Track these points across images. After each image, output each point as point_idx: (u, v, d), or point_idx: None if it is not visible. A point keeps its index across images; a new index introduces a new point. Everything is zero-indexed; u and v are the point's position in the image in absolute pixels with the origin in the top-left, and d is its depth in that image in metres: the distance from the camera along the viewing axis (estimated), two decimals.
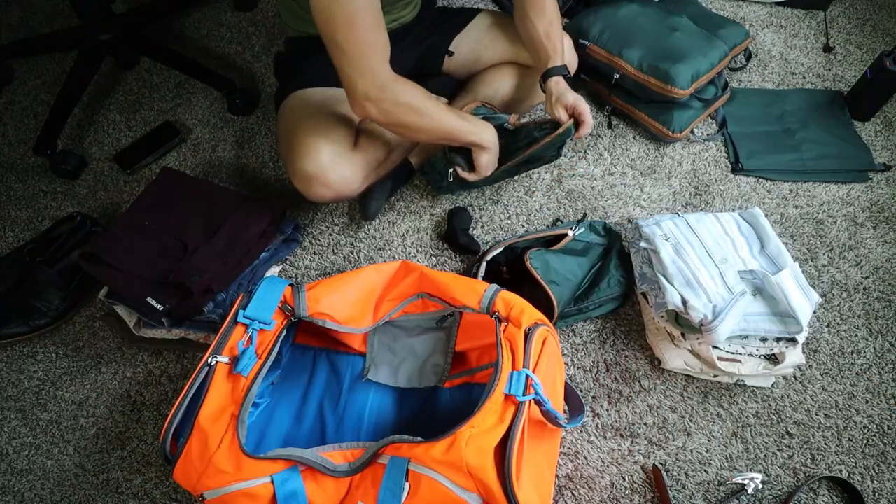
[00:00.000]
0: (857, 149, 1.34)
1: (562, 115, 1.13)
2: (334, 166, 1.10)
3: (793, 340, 0.98)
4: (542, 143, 1.13)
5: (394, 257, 1.24)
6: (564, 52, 1.18)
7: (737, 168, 1.31)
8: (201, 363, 0.84)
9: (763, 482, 0.96)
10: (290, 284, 0.93)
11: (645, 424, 1.03)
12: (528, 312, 0.87)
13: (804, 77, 1.48)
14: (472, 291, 0.91)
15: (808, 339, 1.10)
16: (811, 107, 1.41)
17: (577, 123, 1.13)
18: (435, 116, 1.05)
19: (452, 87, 1.33)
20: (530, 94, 1.31)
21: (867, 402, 1.04)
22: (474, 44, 1.28)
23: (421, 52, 1.28)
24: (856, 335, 1.11)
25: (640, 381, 1.07)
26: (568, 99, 1.12)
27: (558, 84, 1.14)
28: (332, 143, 1.10)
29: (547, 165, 1.33)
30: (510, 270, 1.16)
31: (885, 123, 1.39)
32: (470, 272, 1.19)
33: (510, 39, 1.26)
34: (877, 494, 0.96)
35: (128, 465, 1.03)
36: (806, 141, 1.35)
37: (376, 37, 0.97)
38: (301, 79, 1.20)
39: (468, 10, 1.32)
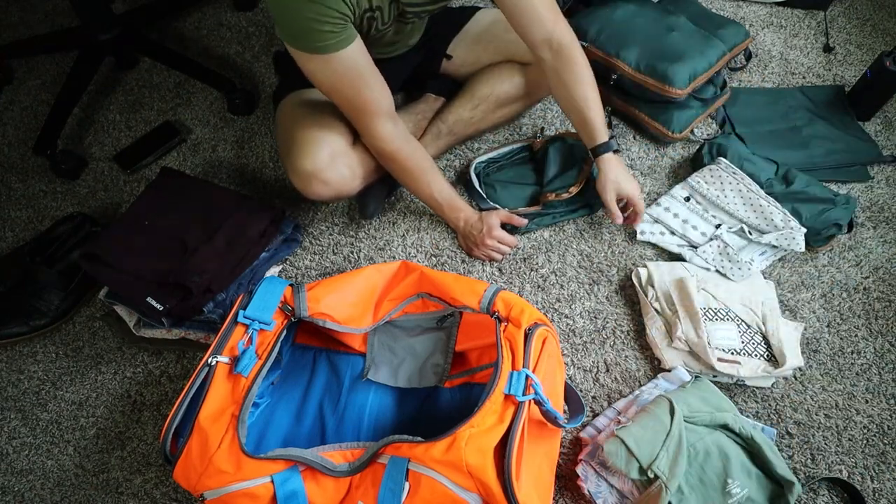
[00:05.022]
0: (864, 142, 1.34)
1: (611, 199, 1.11)
2: (333, 164, 1.10)
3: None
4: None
5: (394, 257, 1.24)
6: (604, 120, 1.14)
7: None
8: (201, 363, 0.84)
9: None
10: (291, 284, 0.93)
11: None
12: (528, 312, 0.87)
13: (804, 77, 1.48)
14: (472, 291, 0.91)
15: (808, 339, 1.10)
16: (815, 103, 1.41)
17: (627, 209, 1.13)
18: (421, 187, 1.16)
19: (451, 87, 1.32)
20: (530, 91, 1.30)
21: (867, 402, 1.04)
22: (473, 45, 1.28)
23: (420, 57, 1.28)
24: (856, 335, 1.11)
25: (640, 381, 1.07)
26: (624, 189, 1.11)
27: (614, 167, 1.12)
28: (331, 141, 1.10)
29: None
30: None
31: (885, 123, 1.39)
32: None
33: (508, 38, 1.24)
34: (877, 494, 0.96)
35: (128, 465, 1.03)
36: (814, 137, 1.34)
37: (362, 99, 1.03)
38: (301, 77, 1.20)
39: (466, 9, 1.32)
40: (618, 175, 1.11)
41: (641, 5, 1.39)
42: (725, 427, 0.93)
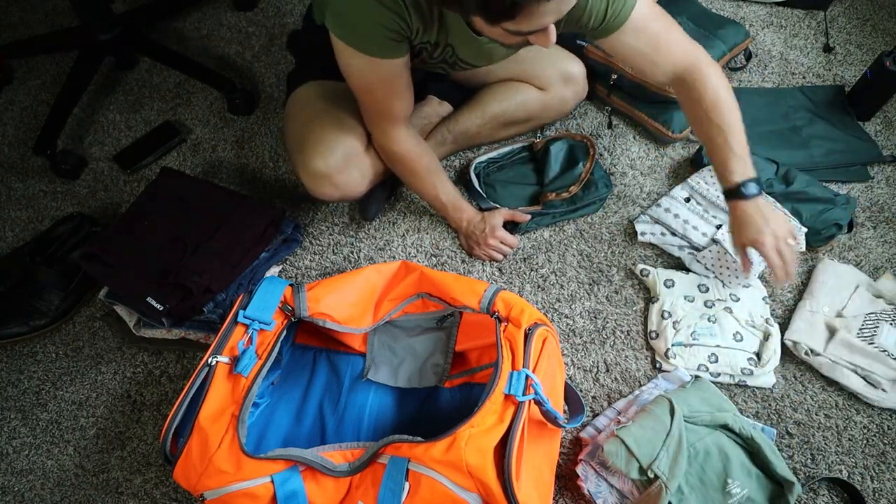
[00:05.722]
0: (864, 142, 1.34)
1: (739, 253, 1.01)
2: (346, 168, 1.09)
3: None
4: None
5: (394, 257, 1.24)
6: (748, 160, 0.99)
7: None
8: (201, 363, 0.84)
9: None
10: (291, 284, 0.93)
11: None
12: (528, 312, 0.87)
13: (804, 77, 1.48)
14: (472, 291, 0.91)
15: None
16: (815, 103, 1.41)
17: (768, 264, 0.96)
18: (427, 188, 1.16)
19: (456, 94, 1.31)
20: (540, 115, 1.31)
21: (867, 402, 1.04)
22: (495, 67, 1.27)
23: None
24: None
25: (640, 381, 1.07)
26: (747, 236, 0.96)
27: (741, 214, 0.96)
28: (347, 143, 1.09)
29: None
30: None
31: (885, 123, 1.39)
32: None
33: (523, 59, 1.21)
34: (877, 494, 0.96)
35: (128, 465, 1.03)
36: (814, 137, 1.34)
37: (389, 104, 1.02)
38: (321, 67, 1.16)
39: None
40: (739, 224, 0.98)
41: None
42: (725, 427, 0.93)
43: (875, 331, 1.04)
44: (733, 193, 0.97)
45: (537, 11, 0.71)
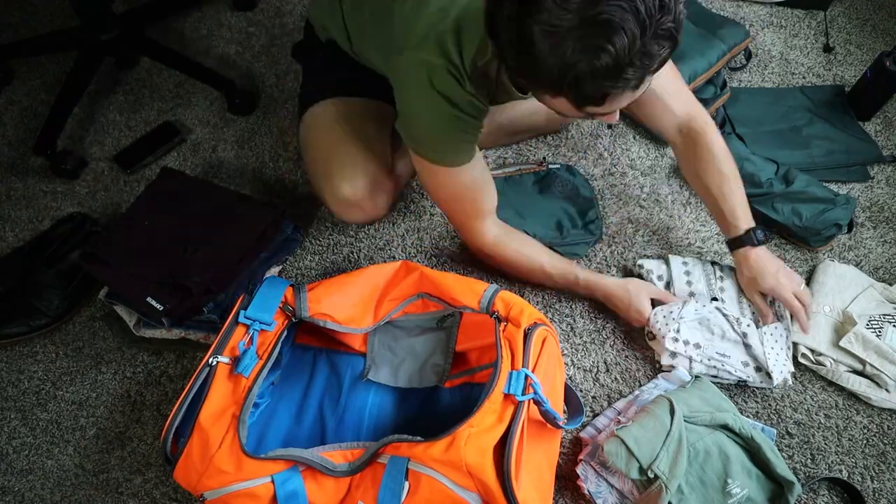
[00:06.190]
0: (864, 142, 1.34)
1: (756, 299, 1.02)
2: (373, 194, 1.08)
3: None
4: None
5: (394, 257, 1.24)
6: (748, 210, 1.02)
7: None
8: (202, 363, 0.84)
9: None
10: (291, 285, 0.93)
11: None
12: (528, 312, 0.87)
13: (804, 77, 1.48)
14: (472, 291, 0.91)
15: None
16: (815, 103, 1.41)
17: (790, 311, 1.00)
18: (536, 275, 1.09)
19: None
20: (545, 127, 1.31)
21: (868, 402, 1.04)
22: (523, 112, 1.27)
23: None
24: None
25: (640, 381, 1.07)
26: (766, 283, 0.98)
27: (755, 262, 0.98)
28: (372, 169, 1.07)
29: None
30: None
31: (885, 123, 1.39)
32: None
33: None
34: (877, 494, 0.96)
35: (128, 465, 1.03)
36: (814, 137, 1.34)
37: (480, 204, 1.00)
38: (333, 83, 1.13)
39: None
40: (754, 272, 1.00)
41: None
42: (725, 427, 0.93)
43: (880, 332, 1.04)
44: (743, 241, 1.00)
45: (622, 98, 0.71)
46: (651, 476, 0.85)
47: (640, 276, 1.15)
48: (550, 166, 1.29)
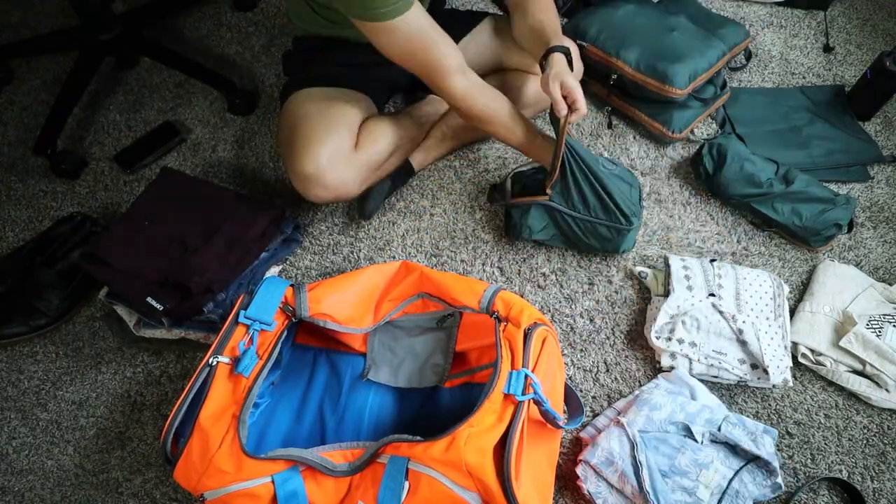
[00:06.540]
0: (864, 142, 1.34)
1: (556, 92, 1.05)
2: (333, 168, 1.09)
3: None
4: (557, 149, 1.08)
5: (394, 257, 1.24)
6: (565, 38, 1.11)
7: None
8: (202, 363, 0.84)
9: None
10: (292, 285, 0.93)
11: None
12: (528, 312, 0.87)
13: (804, 77, 1.48)
14: (472, 291, 0.91)
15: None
16: (815, 103, 1.41)
17: (570, 108, 1.06)
18: (500, 134, 1.13)
19: None
20: (534, 102, 1.31)
21: (867, 402, 1.04)
22: (481, 47, 1.27)
23: None
24: None
25: (640, 381, 1.07)
26: (568, 80, 1.04)
27: (559, 62, 1.07)
28: (332, 144, 1.10)
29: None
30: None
31: (885, 123, 1.39)
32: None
33: (513, 45, 1.23)
34: (877, 494, 0.96)
35: (128, 465, 1.03)
36: (814, 137, 1.34)
37: (436, 55, 1.02)
38: (305, 77, 1.19)
39: (476, 13, 1.32)
40: (564, 69, 1.06)
41: (641, 5, 1.39)
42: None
43: (880, 332, 1.04)
44: (555, 49, 1.07)
45: None
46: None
47: (640, 280, 1.15)
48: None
